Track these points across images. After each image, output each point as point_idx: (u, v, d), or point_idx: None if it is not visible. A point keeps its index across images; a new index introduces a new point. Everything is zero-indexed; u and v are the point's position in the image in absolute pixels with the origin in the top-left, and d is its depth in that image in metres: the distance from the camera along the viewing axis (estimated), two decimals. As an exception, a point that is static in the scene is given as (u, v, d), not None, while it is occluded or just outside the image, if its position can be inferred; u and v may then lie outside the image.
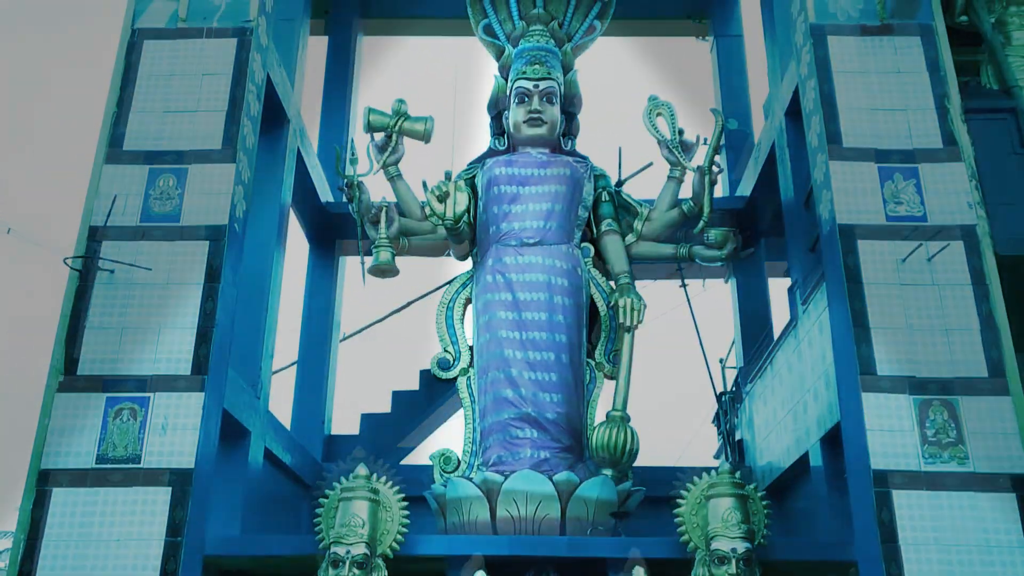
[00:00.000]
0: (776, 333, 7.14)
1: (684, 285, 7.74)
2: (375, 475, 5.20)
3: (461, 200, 6.38)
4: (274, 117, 6.63)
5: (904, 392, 4.94)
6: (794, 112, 6.55)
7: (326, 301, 8.18)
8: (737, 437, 7.89)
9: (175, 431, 4.96)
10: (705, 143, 6.67)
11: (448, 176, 6.41)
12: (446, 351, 6.81)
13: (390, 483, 5.20)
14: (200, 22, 5.93)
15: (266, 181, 6.56)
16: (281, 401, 7.51)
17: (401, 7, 9.54)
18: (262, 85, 6.13)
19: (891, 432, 4.88)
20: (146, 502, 4.81)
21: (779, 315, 7.49)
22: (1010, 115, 5.66)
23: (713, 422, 8.77)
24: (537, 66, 7.09)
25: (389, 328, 9.74)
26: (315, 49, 8.74)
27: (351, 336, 9.40)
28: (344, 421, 8.30)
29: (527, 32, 7.30)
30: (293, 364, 8.26)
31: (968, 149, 5.45)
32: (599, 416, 6.49)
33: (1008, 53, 6.07)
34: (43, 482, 4.85)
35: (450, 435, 8.18)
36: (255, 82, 5.98)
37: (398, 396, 8.18)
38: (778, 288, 7.80)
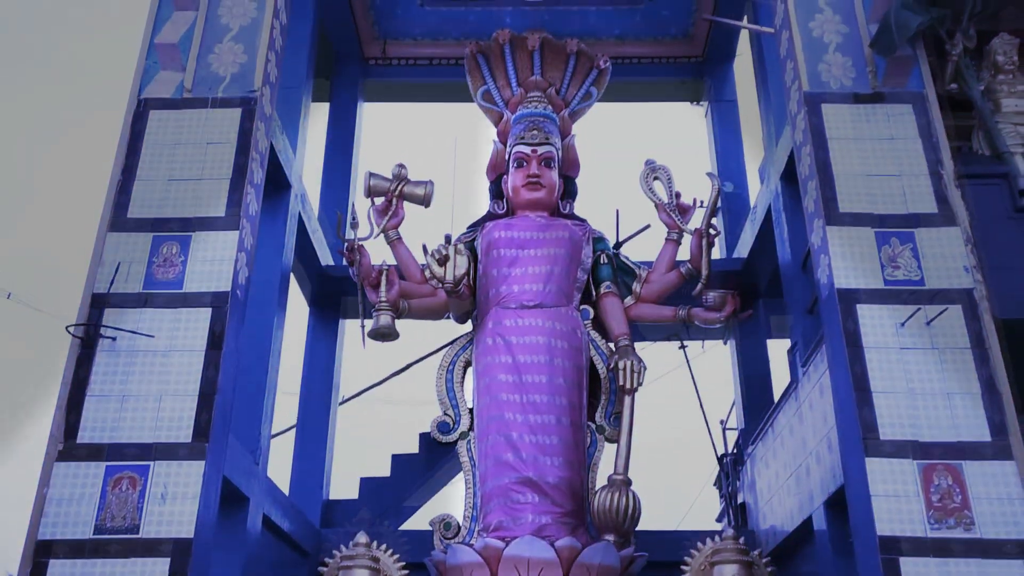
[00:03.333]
0: (776, 395, 7.13)
1: (683, 347, 7.74)
2: (375, 543, 5.13)
3: (461, 263, 6.39)
4: (276, 183, 6.70)
5: (908, 456, 4.91)
6: (790, 176, 6.62)
7: (326, 364, 8.15)
8: (739, 500, 7.81)
9: (175, 500, 4.91)
10: (702, 206, 6.73)
11: (448, 239, 6.45)
12: (446, 414, 6.77)
13: (390, 551, 5.13)
14: (205, 92, 6.03)
15: (268, 246, 6.60)
16: (280, 466, 7.45)
17: (402, 73, 9.71)
18: (265, 152, 6.21)
19: (896, 497, 4.84)
20: (144, 573, 4.72)
21: (779, 376, 7.49)
22: (1003, 180, 5.73)
23: (715, 485, 8.70)
24: (535, 131, 7.18)
25: (389, 391, 9.70)
26: (317, 114, 8.87)
27: (350, 399, 9.36)
28: (343, 485, 8.22)
29: (525, 98, 7.41)
30: (292, 428, 8.21)
31: (963, 213, 5.52)
32: (600, 480, 6.43)
33: (997, 120, 6.17)
34: (41, 553, 4.77)
35: (450, 499, 8.10)
36: (258, 150, 6.05)
37: (398, 460, 8.10)
38: (778, 349, 7.81)
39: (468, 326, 6.98)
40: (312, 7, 8.18)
